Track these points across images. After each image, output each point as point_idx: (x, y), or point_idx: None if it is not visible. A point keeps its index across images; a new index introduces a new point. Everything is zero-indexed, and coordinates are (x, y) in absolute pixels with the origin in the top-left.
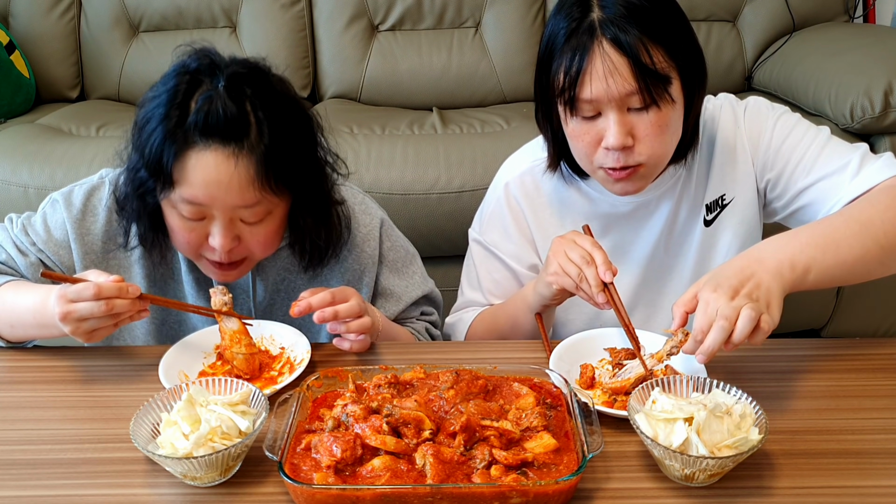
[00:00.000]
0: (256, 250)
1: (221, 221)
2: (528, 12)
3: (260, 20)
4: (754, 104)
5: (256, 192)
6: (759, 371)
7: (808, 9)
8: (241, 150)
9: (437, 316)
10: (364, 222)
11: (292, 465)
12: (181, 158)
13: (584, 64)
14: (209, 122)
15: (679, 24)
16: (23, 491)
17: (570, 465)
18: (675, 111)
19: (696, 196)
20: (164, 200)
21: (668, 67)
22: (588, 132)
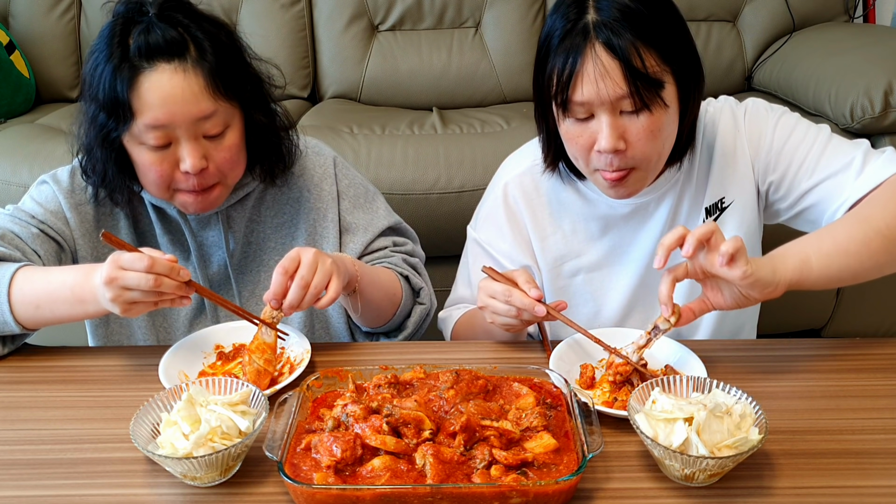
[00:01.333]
0: (225, 168)
1: (187, 140)
2: (528, 12)
3: (260, 20)
4: (753, 106)
5: (210, 99)
6: (759, 371)
7: (808, 9)
8: (186, 63)
9: (411, 245)
10: (318, 163)
11: (292, 465)
12: (133, 86)
13: (577, 66)
14: (150, 45)
15: (675, 28)
16: (23, 491)
17: (570, 465)
18: (669, 115)
19: (696, 199)
20: (128, 139)
21: (662, 72)
22: (581, 134)
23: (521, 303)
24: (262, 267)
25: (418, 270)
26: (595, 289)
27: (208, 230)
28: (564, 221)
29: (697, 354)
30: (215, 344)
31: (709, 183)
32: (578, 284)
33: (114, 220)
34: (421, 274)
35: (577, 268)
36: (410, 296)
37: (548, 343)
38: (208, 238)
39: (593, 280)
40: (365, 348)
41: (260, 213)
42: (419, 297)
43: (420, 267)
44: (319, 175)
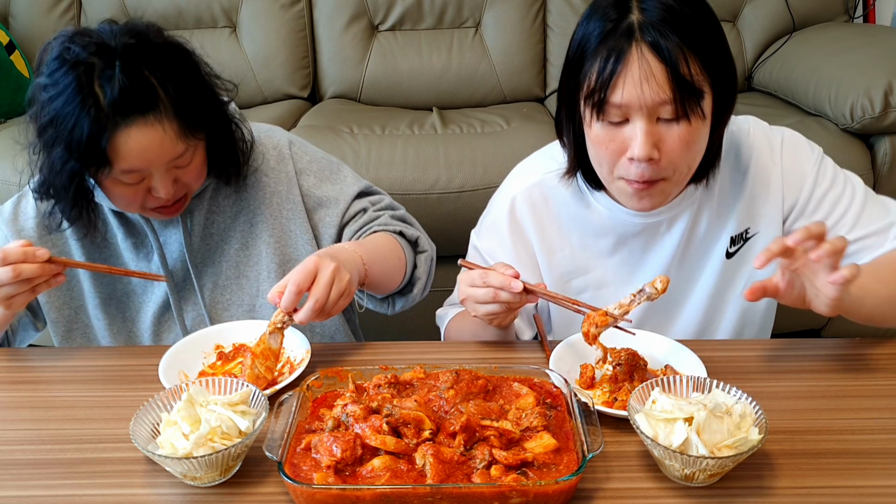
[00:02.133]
0: (192, 184)
1: (161, 175)
2: (528, 12)
3: (260, 20)
4: (792, 140)
5: (183, 142)
6: (759, 371)
7: (808, 9)
8: (159, 114)
9: (387, 198)
10: (271, 145)
11: (292, 465)
12: (112, 142)
13: (619, 66)
14: (124, 99)
15: (716, 37)
16: (23, 491)
17: (570, 465)
18: (704, 127)
19: (717, 222)
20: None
21: (703, 81)
22: (613, 139)
23: (498, 281)
24: (224, 258)
25: (407, 221)
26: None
27: (170, 228)
28: (573, 236)
29: (697, 354)
30: (215, 344)
31: (736, 209)
32: (586, 301)
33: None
34: (411, 223)
35: (585, 284)
36: (411, 249)
37: (547, 343)
38: (170, 236)
39: (601, 298)
40: (365, 348)
41: (218, 204)
42: (418, 246)
43: (408, 217)
44: (275, 158)
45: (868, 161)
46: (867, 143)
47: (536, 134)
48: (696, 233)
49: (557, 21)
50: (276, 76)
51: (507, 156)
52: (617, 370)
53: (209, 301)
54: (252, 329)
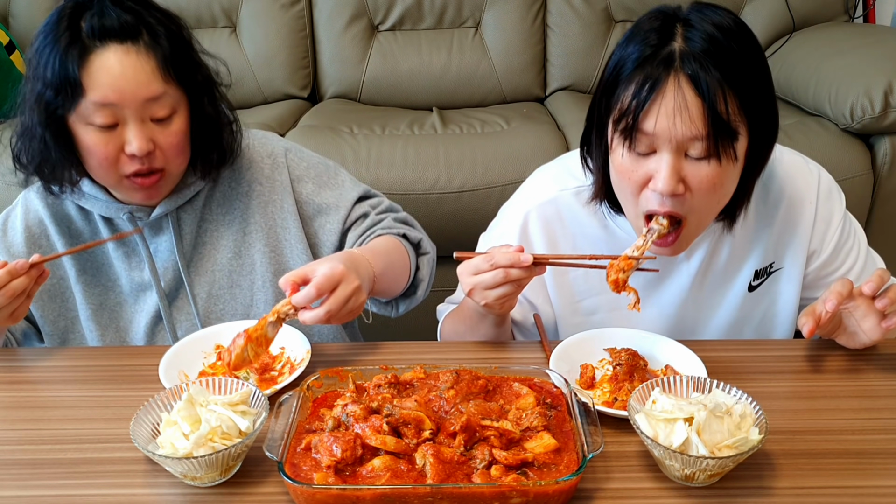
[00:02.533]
0: (170, 153)
1: (134, 122)
2: (528, 12)
3: (260, 20)
4: (828, 183)
5: (160, 81)
6: (759, 371)
7: (808, 9)
8: (139, 45)
9: (387, 201)
10: (266, 152)
11: (292, 465)
12: (84, 64)
13: (654, 95)
14: (104, 26)
15: (761, 77)
16: (23, 491)
17: (570, 465)
18: (734, 170)
19: (743, 253)
20: (74, 118)
21: (739, 121)
22: (636, 170)
23: (507, 259)
24: (216, 266)
25: (409, 223)
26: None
27: (160, 236)
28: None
29: (697, 354)
30: (215, 344)
31: (763, 243)
32: (597, 323)
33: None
34: (412, 225)
35: (596, 306)
36: (413, 252)
37: (547, 343)
38: (161, 244)
39: (613, 320)
40: (365, 348)
41: (210, 211)
42: (420, 248)
43: (409, 219)
44: (269, 166)
45: (868, 161)
46: (867, 143)
47: (536, 134)
48: (715, 263)
49: (557, 21)
50: (276, 76)
51: (507, 156)
52: (617, 370)
53: (203, 310)
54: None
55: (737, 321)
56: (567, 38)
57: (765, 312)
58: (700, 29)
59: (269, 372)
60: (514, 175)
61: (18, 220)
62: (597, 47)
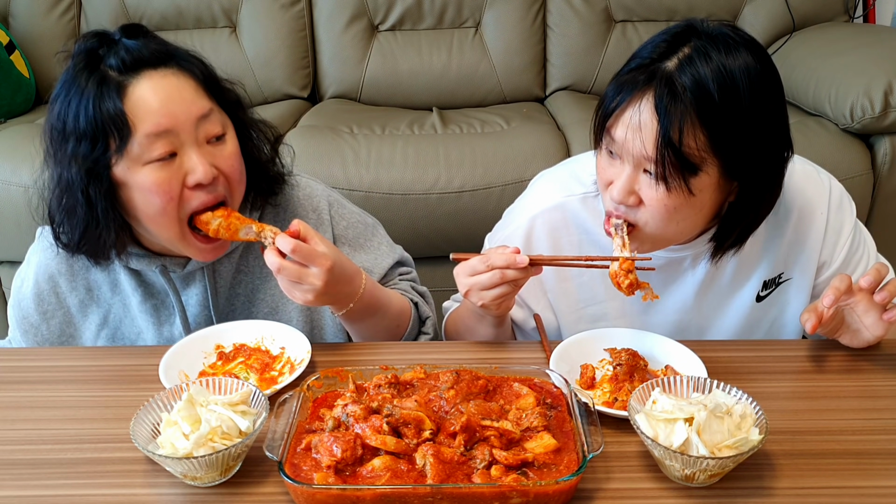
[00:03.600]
0: (232, 177)
1: (191, 146)
2: (528, 12)
3: (260, 20)
4: (839, 193)
5: (206, 98)
6: (759, 371)
7: (808, 9)
8: (172, 68)
9: (414, 272)
10: (311, 207)
11: (292, 465)
12: (126, 98)
13: (624, 105)
14: (133, 58)
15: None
16: (23, 491)
17: (570, 465)
18: (691, 203)
19: (750, 263)
20: (125, 164)
21: (703, 159)
22: (606, 170)
23: (503, 260)
24: (251, 319)
25: (426, 298)
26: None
27: (192, 287)
28: None
29: (697, 354)
30: (215, 344)
31: (773, 254)
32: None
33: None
34: (428, 302)
35: (601, 312)
36: (417, 325)
37: (547, 343)
38: (192, 297)
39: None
40: (365, 348)
41: (248, 264)
42: (424, 325)
43: (427, 295)
44: (314, 222)
45: (868, 161)
46: (867, 143)
47: (536, 134)
48: (722, 271)
49: (557, 21)
50: (276, 76)
51: (507, 156)
52: (617, 370)
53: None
54: (252, 329)
55: (743, 331)
56: (567, 38)
57: (772, 322)
58: (702, 58)
59: (269, 372)
60: (514, 175)
61: (31, 273)
62: (597, 47)
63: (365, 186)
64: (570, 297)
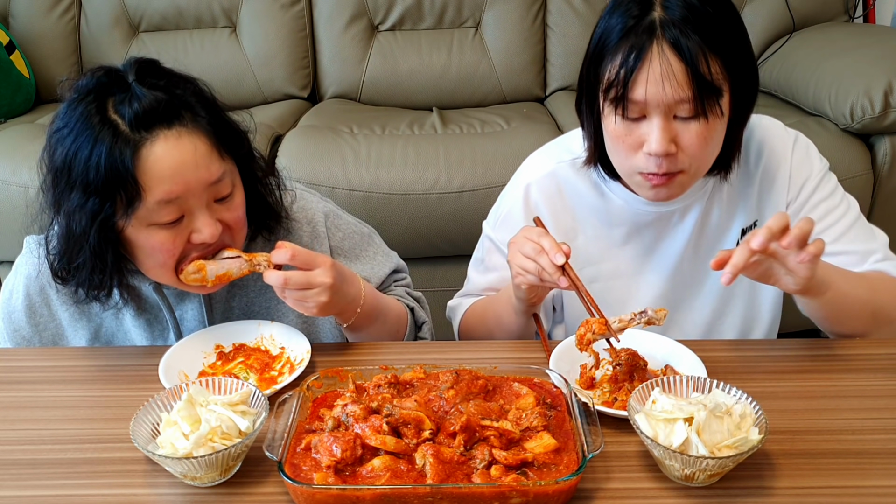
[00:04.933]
0: (236, 229)
1: (200, 209)
2: (528, 12)
3: (260, 20)
4: (805, 143)
5: (218, 161)
6: (759, 371)
7: (808, 9)
8: (186, 126)
9: (409, 278)
10: (306, 219)
11: (292, 465)
12: (138, 161)
13: (640, 63)
14: (146, 113)
15: (739, 36)
16: (23, 491)
17: (570, 465)
18: (721, 124)
19: (728, 213)
20: (132, 223)
21: (722, 80)
22: (630, 134)
23: (549, 245)
24: None
25: (422, 304)
26: (615, 298)
27: (186, 302)
28: (587, 226)
29: (697, 354)
30: (215, 344)
31: (747, 202)
32: (597, 292)
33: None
34: (424, 307)
35: (596, 274)
36: (413, 330)
37: (547, 343)
38: (187, 312)
39: (613, 289)
40: (365, 348)
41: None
42: (420, 331)
43: (422, 300)
44: (309, 234)
45: (868, 161)
46: (867, 143)
47: (536, 134)
48: (708, 224)
49: (557, 21)
50: (276, 76)
51: (507, 156)
52: (617, 370)
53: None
54: (252, 329)
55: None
56: (567, 38)
57: None
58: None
59: (268, 372)
60: None
61: (21, 285)
62: None
63: (365, 186)
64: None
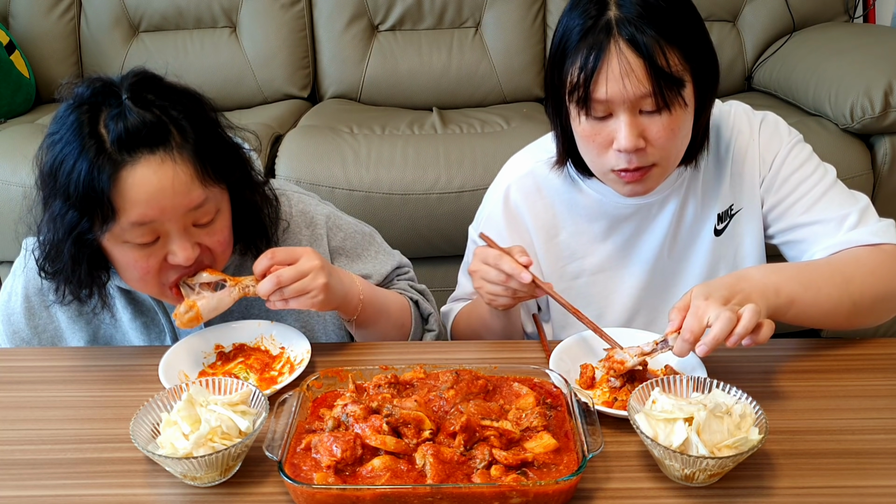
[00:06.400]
0: (217, 252)
1: (178, 232)
2: (528, 12)
3: (260, 20)
4: (773, 120)
5: (200, 187)
6: (759, 371)
7: (808, 9)
8: (171, 151)
9: (412, 272)
10: (304, 223)
11: (292, 465)
12: (116, 182)
13: (600, 63)
14: (130, 133)
15: (695, 26)
16: (23, 491)
17: (570, 465)
18: (687, 114)
19: (704, 202)
20: (107, 238)
21: (683, 70)
22: (599, 133)
23: (510, 268)
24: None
25: (426, 296)
26: (598, 292)
27: None
28: (568, 222)
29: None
30: (215, 344)
31: (720, 188)
32: (581, 287)
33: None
34: (429, 299)
35: (579, 270)
36: (420, 323)
37: (547, 343)
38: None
39: (597, 283)
40: (365, 348)
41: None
42: (428, 323)
43: (427, 292)
44: (307, 237)
45: (868, 161)
46: (867, 143)
47: (536, 134)
48: (685, 214)
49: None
50: (276, 76)
51: (507, 156)
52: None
53: None
54: (252, 329)
55: (709, 268)
56: None
57: (735, 254)
58: None
59: (269, 372)
60: None
61: (20, 287)
62: None
63: (365, 186)
64: (552, 255)
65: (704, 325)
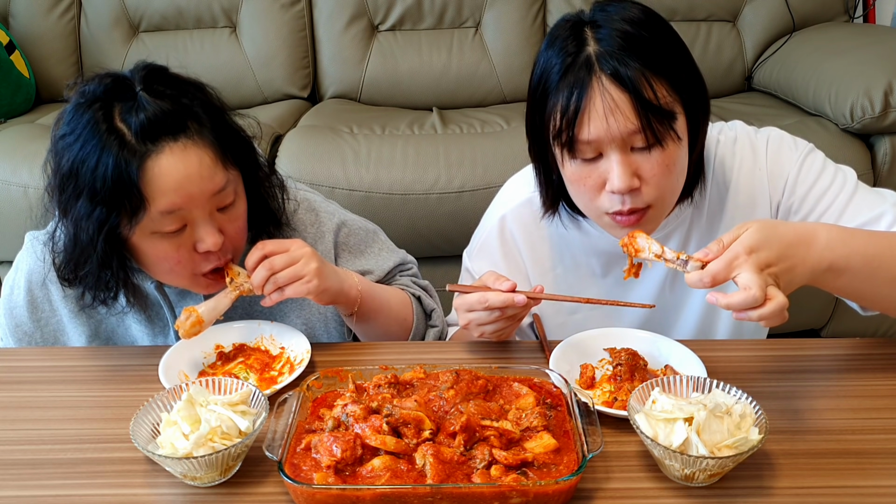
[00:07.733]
0: (237, 239)
1: (203, 219)
2: (528, 12)
3: (260, 20)
4: (776, 141)
5: (222, 171)
6: (759, 371)
7: (808, 9)
8: (192, 137)
9: (416, 268)
10: (310, 220)
11: (292, 465)
12: (144, 172)
13: (583, 102)
14: (152, 124)
15: (680, 55)
16: (23, 491)
17: (570, 465)
18: (681, 148)
19: (708, 236)
20: (136, 232)
21: (673, 102)
22: (589, 175)
23: (500, 301)
24: None
25: (429, 292)
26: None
27: (187, 301)
28: (565, 256)
29: (697, 354)
30: (215, 344)
31: (722, 220)
32: (579, 322)
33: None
34: (432, 295)
35: (576, 305)
36: (423, 318)
37: (547, 343)
38: None
39: (594, 319)
40: (365, 348)
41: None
42: (431, 319)
43: (430, 288)
44: (312, 234)
45: (868, 161)
46: (867, 143)
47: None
48: (688, 250)
49: None
50: (276, 76)
51: (507, 156)
52: (617, 370)
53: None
54: (252, 329)
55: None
56: None
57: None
58: (608, 27)
59: (269, 372)
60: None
61: (23, 280)
62: None
63: (365, 186)
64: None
65: (729, 278)
